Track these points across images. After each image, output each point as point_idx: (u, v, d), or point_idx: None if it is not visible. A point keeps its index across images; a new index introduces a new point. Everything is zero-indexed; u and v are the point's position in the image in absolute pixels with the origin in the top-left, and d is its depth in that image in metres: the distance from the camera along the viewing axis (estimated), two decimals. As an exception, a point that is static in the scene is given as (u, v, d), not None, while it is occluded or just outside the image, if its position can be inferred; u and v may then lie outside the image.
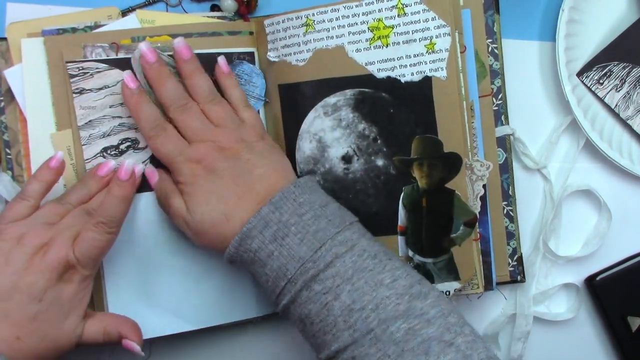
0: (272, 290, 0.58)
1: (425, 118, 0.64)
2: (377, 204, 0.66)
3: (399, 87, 0.64)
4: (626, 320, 0.72)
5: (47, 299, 0.56)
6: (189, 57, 0.63)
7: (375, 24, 0.64)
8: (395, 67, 0.64)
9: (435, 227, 0.65)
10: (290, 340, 0.74)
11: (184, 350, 0.72)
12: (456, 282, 0.65)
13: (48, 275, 0.56)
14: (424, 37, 0.63)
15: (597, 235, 0.73)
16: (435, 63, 0.63)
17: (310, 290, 0.55)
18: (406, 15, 0.63)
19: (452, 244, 0.65)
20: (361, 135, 0.66)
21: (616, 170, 0.72)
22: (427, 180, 0.65)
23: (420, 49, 0.63)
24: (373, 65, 0.65)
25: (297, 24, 0.66)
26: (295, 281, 0.55)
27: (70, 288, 0.57)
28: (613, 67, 0.70)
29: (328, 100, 0.66)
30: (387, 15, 0.63)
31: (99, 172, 0.62)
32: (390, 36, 0.64)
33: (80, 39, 0.65)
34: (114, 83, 0.64)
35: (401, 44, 0.63)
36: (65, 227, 0.58)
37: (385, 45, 0.64)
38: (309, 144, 0.67)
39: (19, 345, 0.54)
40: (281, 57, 0.67)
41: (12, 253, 0.56)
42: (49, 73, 0.64)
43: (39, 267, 0.55)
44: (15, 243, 0.56)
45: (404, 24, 0.63)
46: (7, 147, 0.66)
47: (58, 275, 0.56)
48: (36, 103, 0.64)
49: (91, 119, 0.64)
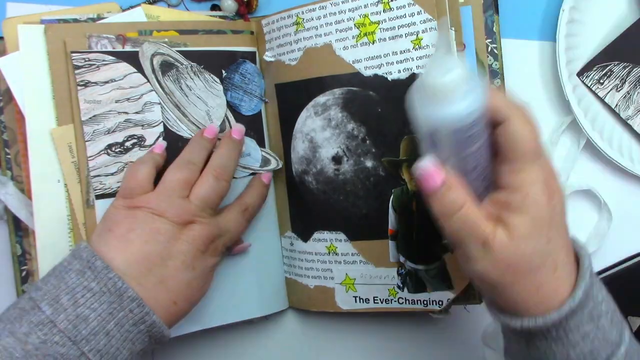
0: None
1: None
2: (367, 206, 0.65)
3: (387, 85, 0.63)
4: (626, 320, 0.72)
5: (198, 267, 0.58)
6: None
7: (361, 20, 0.63)
8: (382, 65, 0.63)
9: (425, 232, 0.64)
10: (290, 340, 0.74)
11: (184, 351, 0.72)
12: (450, 291, 0.64)
13: (197, 245, 0.58)
14: (410, 32, 0.62)
15: (597, 235, 0.73)
16: (423, 59, 0.62)
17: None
18: (392, 10, 0.62)
19: (444, 251, 0.64)
20: (350, 136, 0.65)
21: (616, 170, 0.72)
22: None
23: (407, 45, 0.62)
24: (360, 63, 0.64)
25: (289, 23, 0.66)
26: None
27: (213, 260, 0.61)
28: (613, 67, 0.70)
29: (318, 99, 0.66)
30: (372, 11, 0.63)
31: (207, 134, 0.63)
32: (376, 32, 0.63)
33: (85, 28, 0.63)
34: (120, 77, 0.63)
35: (387, 40, 0.63)
36: (203, 201, 0.59)
37: (371, 42, 0.63)
38: (302, 144, 0.67)
39: (175, 309, 0.57)
40: (276, 57, 0.68)
41: (160, 224, 0.57)
42: (49, 63, 0.62)
43: (188, 238, 0.58)
44: (160, 216, 0.57)
45: (390, 19, 0.63)
46: (6, 146, 0.66)
47: (205, 246, 0.59)
48: (34, 96, 0.62)
49: (96, 113, 0.63)
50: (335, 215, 0.66)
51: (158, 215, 0.57)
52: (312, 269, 0.69)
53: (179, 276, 0.57)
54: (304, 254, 0.70)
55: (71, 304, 0.51)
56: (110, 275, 0.53)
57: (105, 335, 0.51)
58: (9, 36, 0.63)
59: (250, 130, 0.69)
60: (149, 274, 0.55)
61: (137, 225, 0.57)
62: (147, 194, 0.58)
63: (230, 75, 0.68)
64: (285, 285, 0.72)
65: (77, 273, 0.53)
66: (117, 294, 0.52)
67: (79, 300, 0.52)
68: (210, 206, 0.60)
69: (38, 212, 0.63)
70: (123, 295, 0.52)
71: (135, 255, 0.55)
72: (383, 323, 0.72)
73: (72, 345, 0.50)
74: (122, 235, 0.56)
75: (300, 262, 0.70)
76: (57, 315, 0.51)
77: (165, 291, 0.56)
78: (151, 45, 0.65)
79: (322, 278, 0.69)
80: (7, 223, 0.67)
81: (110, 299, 0.52)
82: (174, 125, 0.66)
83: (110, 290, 0.52)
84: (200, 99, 0.67)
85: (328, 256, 0.68)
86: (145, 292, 0.54)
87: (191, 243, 0.58)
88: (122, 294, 0.52)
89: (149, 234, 0.56)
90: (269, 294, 0.71)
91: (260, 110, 0.70)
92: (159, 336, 0.55)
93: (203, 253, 0.59)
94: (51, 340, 0.50)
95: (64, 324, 0.50)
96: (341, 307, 0.68)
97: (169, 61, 0.65)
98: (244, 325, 0.72)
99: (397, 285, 0.66)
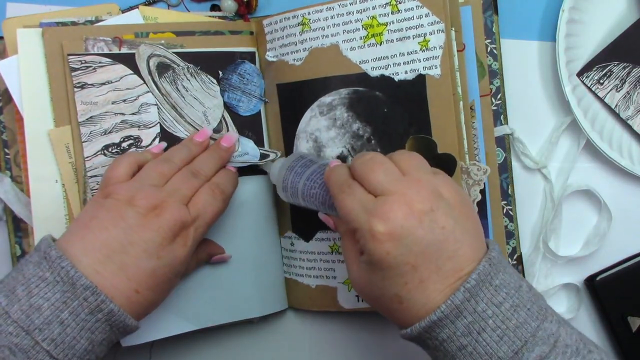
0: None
1: (419, 117, 0.64)
2: None
3: (393, 86, 0.64)
4: (626, 320, 0.71)
5: (163, 257, 0.56)
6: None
7: (369, 21, 0.64)
8: (389, 65, 0.64)
9: None
10: (290, 340, 0.74)
11: (184, 351, 0.72)
12: None
13: (163, 233, 0.56)
14: (418, 34, 0.63)
15: (597, 235, 0.73)
16: (429, 61, 0.63)
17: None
18: (400, 12, 0.63)
19: None
20: (355, 135, 0.65)
21: (616, 170, 0.72)
22: None
23: (414, 47, 0.63)
24: (367, 63, 0.64)
25: (294, 23, 0.66)
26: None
27: (183, 251, 0.57)
28: (613, 67, 0.70)
29: (323, 99, 0.66)
30: (380, 13, 0.63)
31: (197, 138, 0.63)
32: (384, 34, 0.63)
33: (82, 31, 0.64)
34: (117, 78, 0.64)
35: (395, 42, 0.63)
36: (174, 189, 0.58)
37: (379, 43, 0.64)
38: (306, 143, 0.67)
39: (137, 298, 0.55)
40: (279, 57, 0.67)
41: (125, 211, 0.55)
42: (46, 66, 0.63)
43: (153, 226, 0.55)
44: (127, 203, 0.56)
45: (398, 21, 0.63)
46: (6, 147, 0.66)
47: (173, 235, 0.56)
48: (33, 98, 0.63)
49: (92, 115, 0.63)
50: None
51: (126, 202, 0.56)
52: (314, 269, 0.69)
53: (141, 264, 0.55)
54: (305, 254, 0.70)
55: (25, 294, 0.51)
56: (63, 264, 0.51)
57: (60, 325, 0.51)
58: (8, 36, 0.64)
59: (249, 130, 0.69)
60: (108, 261, 0.54)
61: (101, 212, 0.55)
62: (120, 183, 0.58)
63: (228, 75, 0.68)
64: (284, 286, 0.72)
65: (34, 264, 0.52)
66: (69, 282, 0.51)
67: (33, 290, 0.51)
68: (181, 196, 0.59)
69: (36, 211, 0.63)
70: (76, 284, 0.51)
71: (92, 242, 0.54)
72: (383, 322, 0.72)
73: (25, 335, 0.50)
74: (84, 223, 0.55)
75: (301, 262, 0.70)
76: (11, 306, 0.50)
77: (125, 279, 0.54)
78: (148, 47, 0.65)
79: (325, 277, 0.69)
80: (6, 224, 0.67)
81: (64, 288, 0.51)
82: (171, 126, 0.66)
83: (63, 280, 0.51)
84: (196, 100, 0.67)
85: (331, 255, 0.68)
86: (103, 280, 0.53)
87: (156, 231, 0.55)
88: (74, 282, 0.51)
89: (109, 221, 0.55)
90: (268, 294, 0.71)
91: (260, 111, 0.70)
92: (121, 325, 0.54)
93: (171, 242, 0.56)
94: (5, 330, 0.50)
95: (17, 314, 0.50)
96: (344, 306, 0.69)
97: (165, 63, 0.66)
98: (244, 325, 0.72)
99: None
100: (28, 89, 0.63)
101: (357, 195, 0.52)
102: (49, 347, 0.50)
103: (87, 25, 0.64)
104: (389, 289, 0.51)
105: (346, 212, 0.52)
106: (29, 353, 0.50)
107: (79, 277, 0.51)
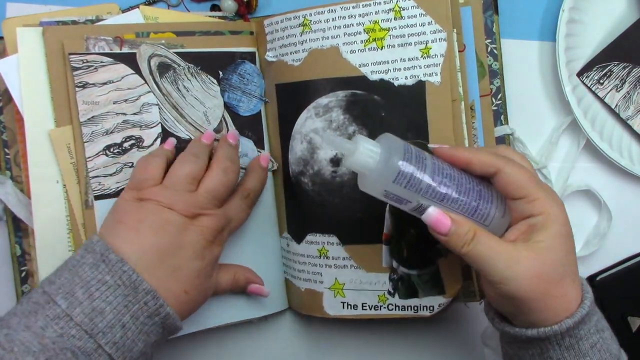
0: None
1: (417, 123, 0.63)
2: (363, 209, 0.65)
3: (392, 91, 0.64)
4: (626, 320, 0.72)
5: (207, 257, 0.59)
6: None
7: (371, 25, 0.64)
8: (389, 70, 0.64)
9: (421, 236, 0.63)
10: (289, 340, 0.74)
11: (184, 351, 0.72)
12: (441, 296, 0.64)
13: (207, 236, 0.59)
14: (420, 41, 0.63)
15: (597, 235, 0.73)
16: (430, 68, 0.63)
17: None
18: (403, 18, 0.63)
19: (437, 255, 0.64)
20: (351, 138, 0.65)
21: (616, 170, 0.72)
22: None
23: (415, 53, 0.63)
24: (367, 67, 0.64)
25: (295, 24, 0.66)
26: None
27: (219, 249, 0.61)
28: (613, 67, 0.70)
29: (320, 101, 0.66)
30: (383, 18, 0.63)
31: (204, 140, 0.64)
32: (386, 39, 0.63)
33: (83, 30, 0.63)
34: (118, 78, 0.64)
35: (396, 47, 0.63)
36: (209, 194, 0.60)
37: (380, 48, 0.64)
38: (300, 144, 0.67)
39: (185, 298, 0.57)
40: (279, 57, 0.67)
41: (170, 216, 0.57)
42: (47, 65, 0.63)
43: (197, 230, 0.58)
44: (170, 209, 0.58)
45: (400, 27, 0.63)
46: (6, 147, 0.66)
47: (213, 237, 0.60)
48: (33, 97, 0.62)
49: (94, 114, 0.63)
50: (330, 218, 0.66)
51: (167, 208, 0.57)
52: (304, 272, 0.69)
53: (190, 266, 0.57)
54: (297, 256, 0.69)
55: (86, 297, 0.52)
56: (124, 268, 0.53)
57: (122, 328, 0.52)
58: (8, 36, 0.63)
59: (249, 131, 0.69)
60: (161, 265, 0.56)
61: (147, 216, 0.57)
62: (155, 187, 0.59)
63: (228, 76, 0.68)
64: (284, 286, 0.72)
65: (90, 266, 0.53)
66: (132, 286, 0.53)
67: (94, 293, 0.52)
68: (218, 199, 0.61)
69: (37, 212, 0.63)
70: (138, 288, 0.53)
71: (146, 246, 0.55)
72: (383, 322, 0.72)
73: (88, 339, 0.51)
74: (133, 226, 0.56)
75: (294, 264, 0.70)
76: (73, 309, 0.51)
77: (176, 281, 0.56)
78: (148, 47, 0.65)
79: (312, 281, 0.68)
80: (6, 224, 0.67)
81: (125, 291, 0.53)
82: (172, 126, 0.66)
83: (125, 283, 0.53)
84: (197, 100, 0.67)
85: (319, 259, 0.68)
86: (158, 282, 0.54)
87: (200, 234, 0.58)
88: (136, 287, 0.53)
89: (159, 225, 0.57)
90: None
91: (260, 111, 0.70)
92: (172, 327, 0.56)
93: (211, 243, 0.59)
94: (68, 333, 0.50)
95: (80, 317, 0.51)
96: (328, 313, 0.68)
97: (166, 63, 0.66)
98: (244, 325, 0.72)
99: (388, 290, 0.65)
100: (28, 89, 0.62)
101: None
102: (110, 350, 0.51)
103: (88, 25, 0.64)
104: (573, 264, 0.53)
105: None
106: (92, 356, 0.51)
107: (141, 282, 0.53)
